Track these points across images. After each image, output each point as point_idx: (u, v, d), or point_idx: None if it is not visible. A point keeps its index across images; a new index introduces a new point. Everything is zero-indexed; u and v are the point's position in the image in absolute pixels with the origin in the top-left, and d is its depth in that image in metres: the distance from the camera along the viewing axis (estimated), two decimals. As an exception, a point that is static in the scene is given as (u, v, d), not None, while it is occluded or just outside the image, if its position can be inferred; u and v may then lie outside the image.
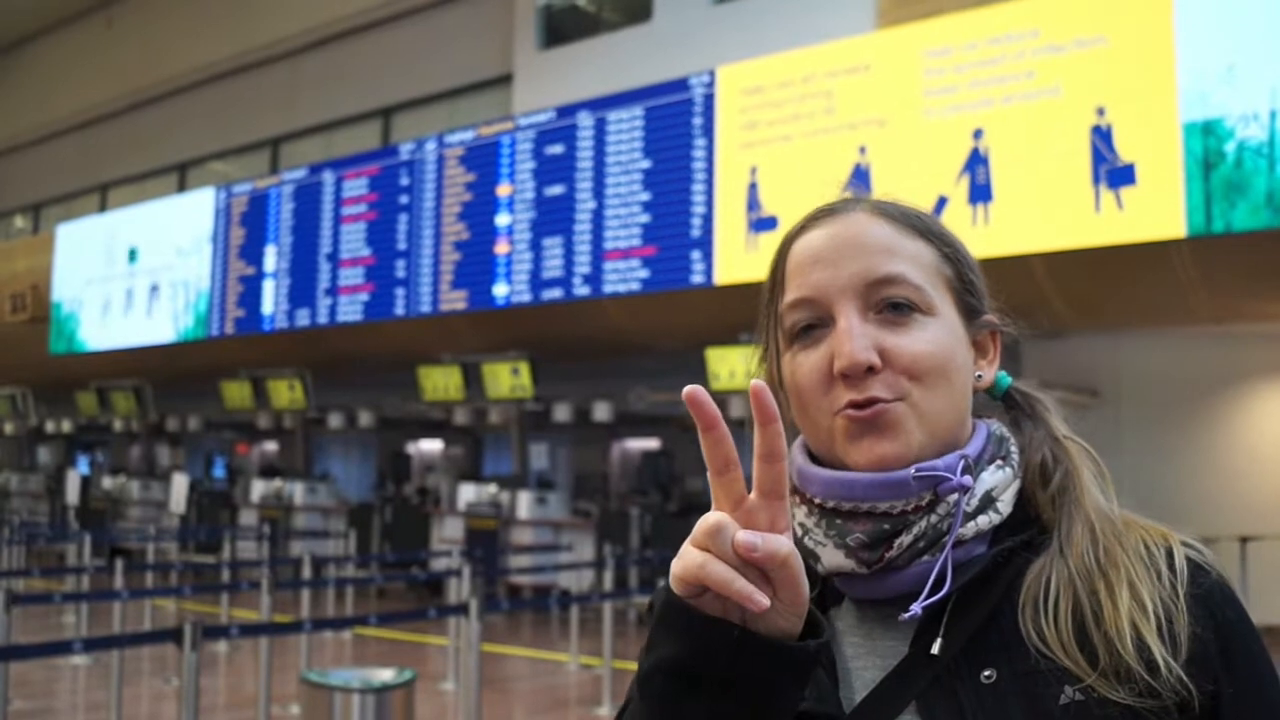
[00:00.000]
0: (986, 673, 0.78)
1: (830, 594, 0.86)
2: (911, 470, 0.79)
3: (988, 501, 0.82)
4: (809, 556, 0.83)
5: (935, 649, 0.79)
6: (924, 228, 0.87)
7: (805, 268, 0.86)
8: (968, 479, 0.80)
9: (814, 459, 0.85)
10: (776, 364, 0.88)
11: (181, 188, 17.26)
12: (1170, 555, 0.82)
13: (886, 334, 0.81)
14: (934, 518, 0.80)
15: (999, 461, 0.84)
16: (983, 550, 0.82)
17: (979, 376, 0.88)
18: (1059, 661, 0.76)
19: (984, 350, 0.90)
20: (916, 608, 0.78)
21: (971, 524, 0.81)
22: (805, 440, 0.87)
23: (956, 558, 0.80)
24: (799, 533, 0.84)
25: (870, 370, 0.80)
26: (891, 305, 0.82)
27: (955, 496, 0.80)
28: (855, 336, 0.80)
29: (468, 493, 11.62)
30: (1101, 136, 7.42)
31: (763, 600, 0.64)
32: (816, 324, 0.84)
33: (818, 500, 0.82)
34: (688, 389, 0.67)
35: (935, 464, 0.80)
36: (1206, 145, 7.04)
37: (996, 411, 0.92)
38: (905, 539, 0.79)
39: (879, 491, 0.80)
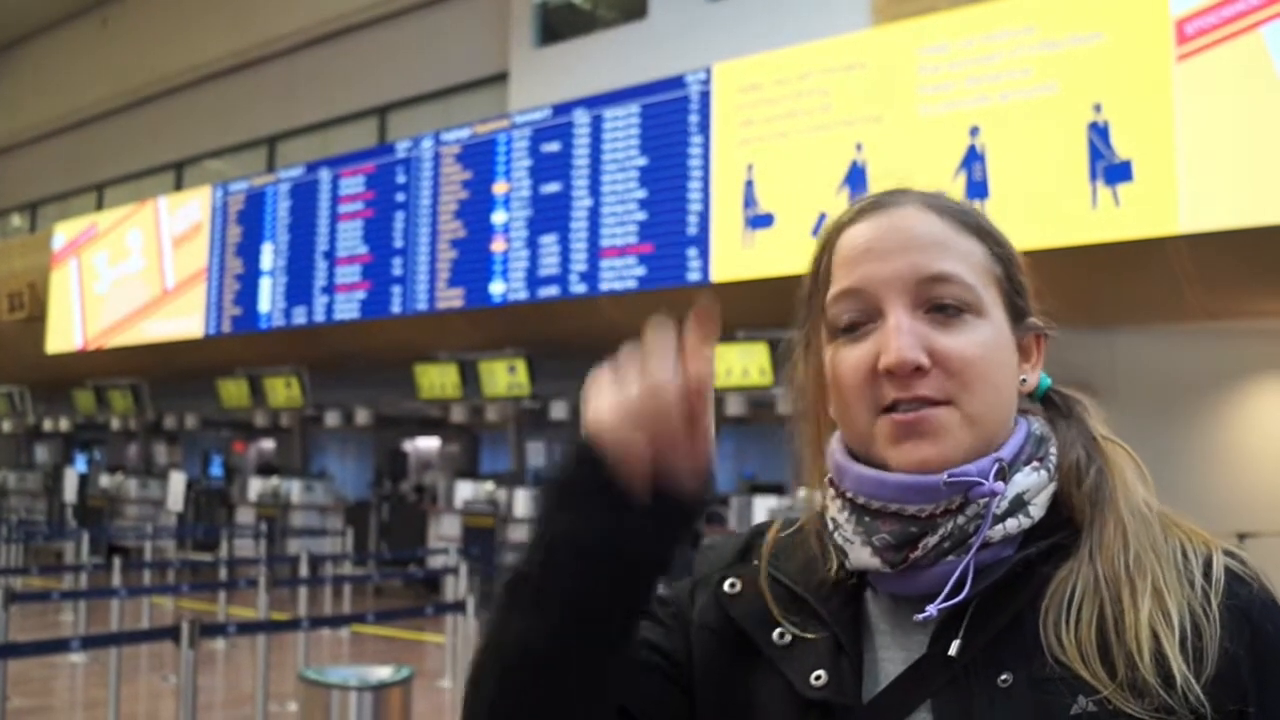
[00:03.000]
0: (1003, 676, 0.76)
1: (866, 582, 0.86)
2: (944, 476, 0.78)
3: (1018, 504, 0.80)
4: (838, 553, 0.83)
5: (953, 650, 0.78)
6: (976, 224, 0.85)
7: (853, 260, 0.83)
8: (1000, 485, 0.78)
9: (853, 454, 0.84)
10: (813, 359, 0.87)
11: (178, 186, 17.24)
12: (1209, 563, 0.78)
13: (936, 333, 0.80)
14: (962, 519, 0.78)
15: (1035, 463, 0.82)
16: (1010, 553, 0.80)
17: (1023, 380, 0.86)
18: (1075, 671, 0.74)
19: (1027, 354, 0.87)
20: (932, 609, 0.77)
21: (999, 527, 0.79)
22: (843, 436, 0.85)
23: (982, 560, 0.78)
24: (830, 527, 0.84)
25: (918, 370, 0.78)
26: (940, 305, 0.80)
27: (985, 500, 0.78)
28: (904, 334, 0.78)
29: (465, 490, 11.62)
30: (1098, 133, 7.42)
31: (637, 449, 0.70)
32: (863, 318, 0.82)
33: (849, 494, 0.82)
34: (700, 306, 0.73)
35: (968, 469, 0.78)
36: (1202, 142, 7.05)
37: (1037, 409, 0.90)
38: (931, 540, 0.78)
39: (909, 494, 0.79)
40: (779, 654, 0.83)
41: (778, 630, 0.84)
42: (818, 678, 0.80)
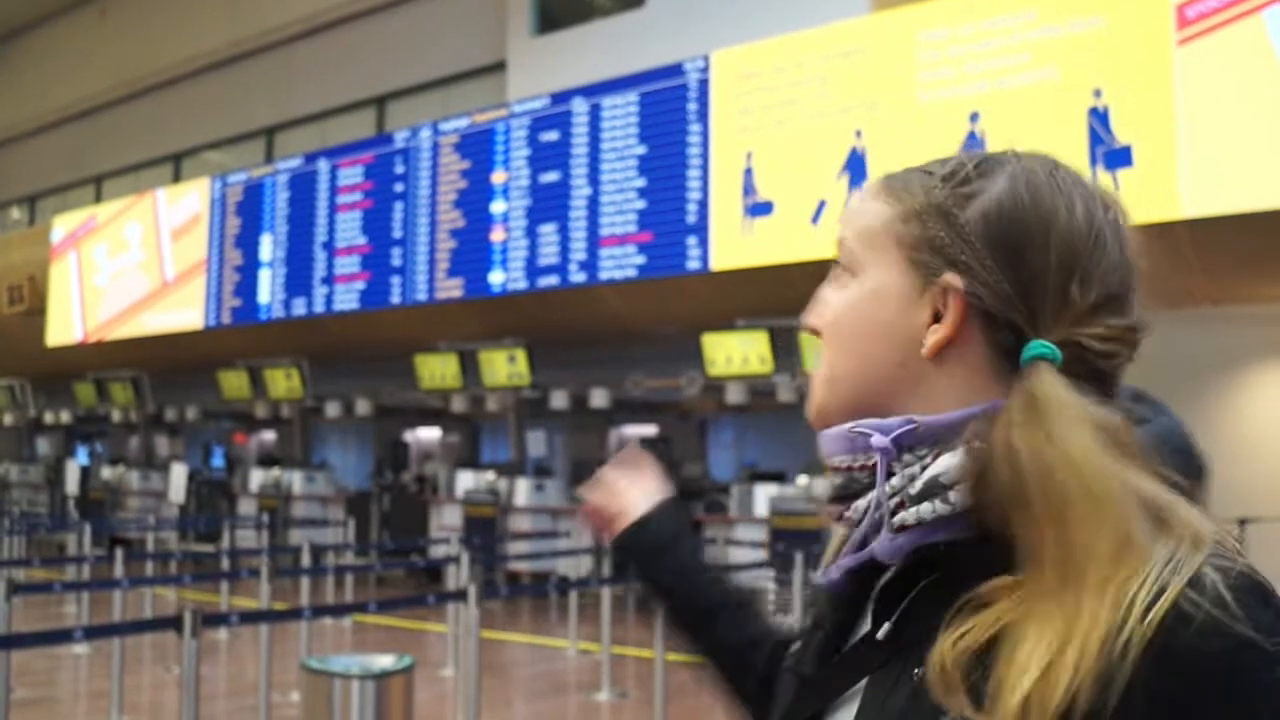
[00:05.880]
0: (918, 670, 0.70)
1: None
2: (846, 426, 0.78)
3: (934, 488, 0.72)
4: None
5: (880, 633, 0.75)
6: (898, 185, 0.81)
7: None
8: (881, 439, 0.74)
9: None
10: None
11: (176, 178, 17.21)
12: (1148, 606, 0.62)
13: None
14: (888, 487, 0.74)
15: (978, 443, 0.72)
16: (942, 536, 0.72)
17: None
18: (932, 685, 0.67)
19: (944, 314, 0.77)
20: (834, 571, 0.78)
21: (913, 510, 0.72)
22: None
23: (915, 541, 0.73)
24: None
25: (816, 333, 0.84)
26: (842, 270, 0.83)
27: (880, 459, 0.74)
28: (814, 301, 0.84)
29: (465, 480, 11.63)
30: (1098, 118, 7.41)
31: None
32: None
33: None
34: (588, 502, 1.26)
35: (869, 421, 0.76)
36: (1202, 126, 7.03)
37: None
38: (861, 504, 0.76)
39: (827, 444, 0.80)
40: (804, 633, 0.88)
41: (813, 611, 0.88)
42: (794, 650, 0.85)
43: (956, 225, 0.77)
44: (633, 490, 1.21)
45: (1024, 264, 0.74)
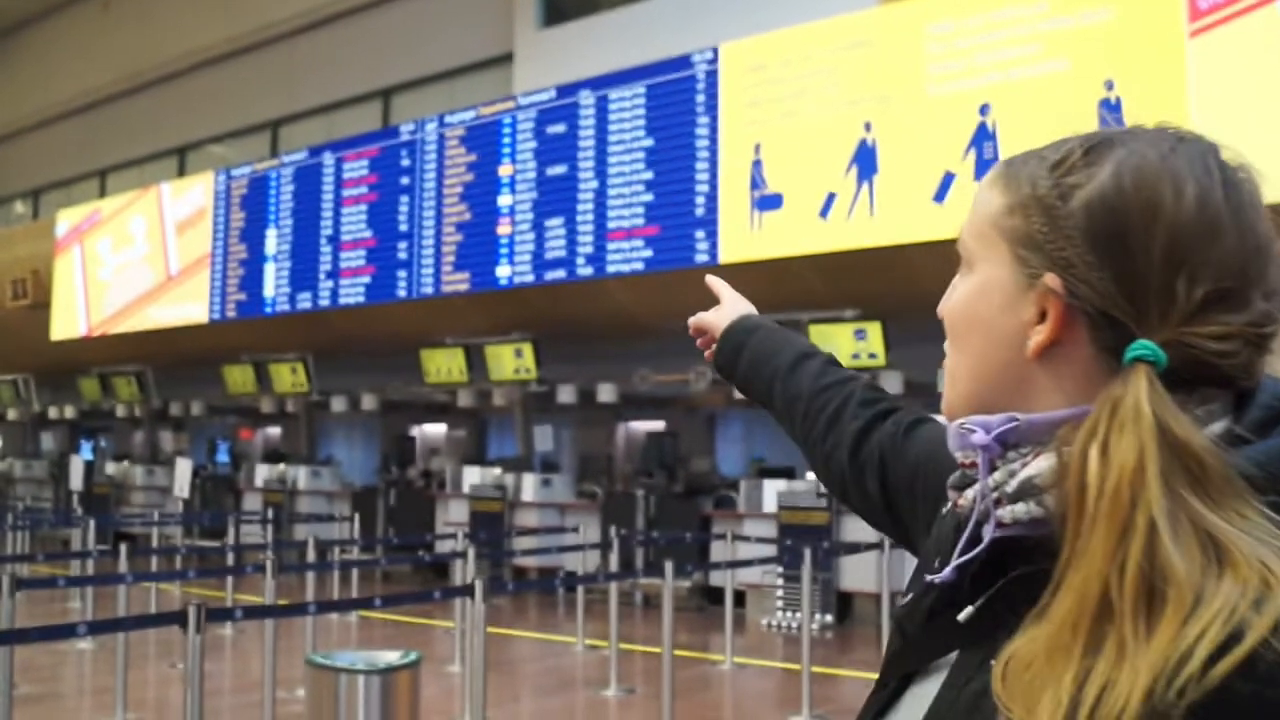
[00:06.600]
0: (994, 660, 0.68)
1: None
2: (958, 423, 0.76)
3: (1029, 489, 0.70)
4: None
5: (962, 615, 0.73)
6: (1012, 172, 0.78)
7: None
8: (983, 436, 0.72)
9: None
10: None
11: (181, 172, 17.19)
12: (1212, 640, 0.57)
13: None
14: (991, 482, 0.72)
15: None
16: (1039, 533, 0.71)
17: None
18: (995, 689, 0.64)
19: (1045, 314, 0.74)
20: (948, 572, 0.74)
21: (1007, 510, 0.70)
22: None
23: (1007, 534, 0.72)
24: None
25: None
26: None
27: (981, 456, 0.72)
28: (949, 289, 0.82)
29: (472, 475, 11.59)
30: (1110, 110, 7.34)
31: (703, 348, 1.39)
32: None
33: None
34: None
35: (974, 418, 0.74)
36: (1216, 118, 6.95)
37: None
38: (970, 493, 0.74)
39: (949, 438, 0.77)
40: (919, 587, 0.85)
41: (939, 558, 0.83)
42: (905, 600, 0.83)
43: (1058, 219, 0.73)
44: (714, 316, 1.38)
45: (1127, 260, 0.69)
